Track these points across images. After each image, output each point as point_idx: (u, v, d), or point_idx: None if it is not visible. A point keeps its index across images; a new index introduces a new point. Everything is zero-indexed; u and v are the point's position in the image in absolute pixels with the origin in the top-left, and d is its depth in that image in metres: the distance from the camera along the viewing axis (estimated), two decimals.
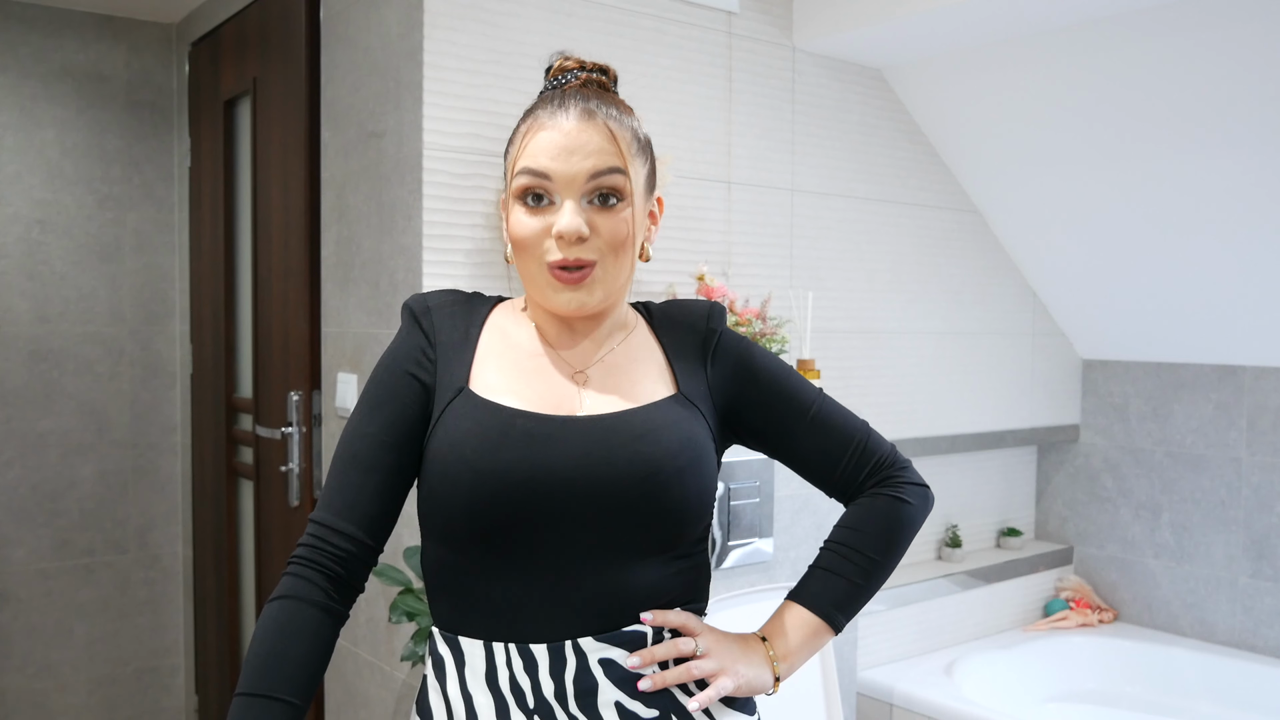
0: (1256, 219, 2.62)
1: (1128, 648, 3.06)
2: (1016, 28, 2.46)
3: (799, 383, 1.21)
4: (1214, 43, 2.31)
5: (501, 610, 1.06)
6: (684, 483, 1.07)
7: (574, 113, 1.08)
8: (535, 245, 1.07)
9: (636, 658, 1.06)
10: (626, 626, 1.07)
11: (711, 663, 1.09)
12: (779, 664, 1.14)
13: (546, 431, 1.06)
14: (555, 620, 1.05)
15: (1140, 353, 3.20)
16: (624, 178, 1.08)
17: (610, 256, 1.08)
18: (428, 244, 2.05)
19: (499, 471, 1.04)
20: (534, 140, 1.07)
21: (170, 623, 3.38)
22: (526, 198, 1.08)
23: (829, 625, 1.17)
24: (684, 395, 1.15)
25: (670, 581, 1.10)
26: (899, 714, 2.64)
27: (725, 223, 2.52)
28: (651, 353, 1.18)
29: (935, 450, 2.99)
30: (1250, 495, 2.98)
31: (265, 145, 2.66)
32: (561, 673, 1.05)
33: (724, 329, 1.21)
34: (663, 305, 1.24)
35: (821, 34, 2.58)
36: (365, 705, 2.26)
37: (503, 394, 1.10)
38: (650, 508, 1.06)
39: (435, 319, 1.14)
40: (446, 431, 1.08)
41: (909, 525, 1.20)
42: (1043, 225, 3.03)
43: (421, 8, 2.02)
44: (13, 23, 3.07)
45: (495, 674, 1.06)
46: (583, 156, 1.06)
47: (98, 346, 3.23)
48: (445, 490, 1.06)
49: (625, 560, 1.07)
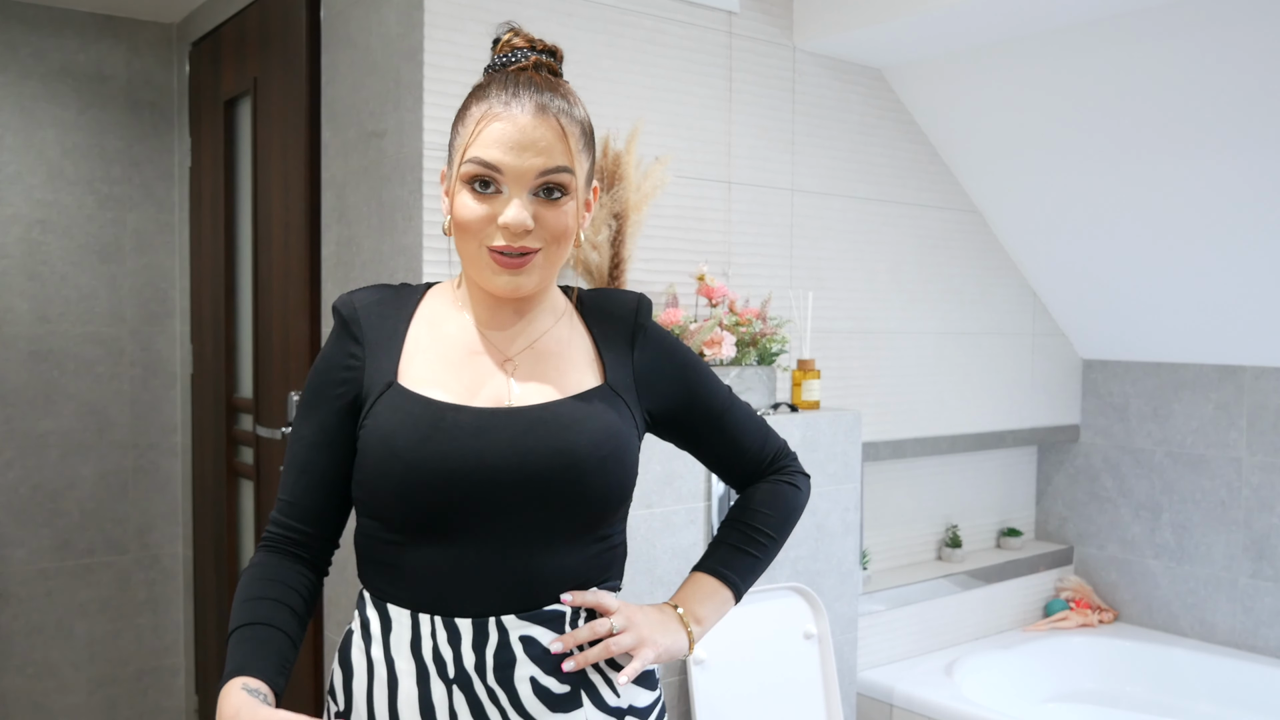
0: (1257, 219, 2.62)
1: (1128, 648, 3.06)
2: (1016, 28, 2.46)
3: (715, 381, 1.31)
4: (1214, 43, 2.31)
5: (429, 585, 1.11)
6: (605, 471, 1.13)
7: (529, 106, 1.10)
8: (479, 230, 1.11)
9: (559, 643, 1.12)
10: (547, 606, 1.13)
11: (629, 637, 1.15)
12: (693, 626, 1.23)
13: (475, 424, 1.11)
14: (480, 597, 1.11)
15: (1140, 353, 3.20)
16: (570, 175, 1.12)
17: (552, 246, 1.13)
18: (428, 244, 2.05)
19: (428, 463, 1.08)
20: (487, 130, 1.10)
21: (170, 623, 3.38)
22: (474, 183, 1.11)
23: (732, 590, 1.28)
24: (610, 386, 1.20)
25: (590, 563, 1.16)
26: (899, 714, 2.64)
27: (725, 223, 2.52)
28: (580, 341, 1.23)
29: (935, 450, 2.99)
30: (1250, 495, 2.98)
31: (265, 145, 2.66)
32: (483, 646, 1.10)
33: (651, 323, 1.27)
34: (593, 294, 1.28)
35: (821, 34, 2.58)
36: None
37: (431, 387, 1.14)
38: (572, 496, 1.12)
39: (362, 319, 1.18)
40: (377, 424, 1.12)
41: (798, 508, 1.34)
42: (1043, 225, 3.03)
43: (421, 8, 2.02)
44: (13, 23, 3.07)
45: (419, 643, 1.11)
46: (534, 153, 1.09)
47: (98, 346, 3.23)
48: (377, 480, 1.11)
49: (548, 544, 1.12)
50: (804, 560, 2.41)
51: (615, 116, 2.28)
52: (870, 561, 2.94)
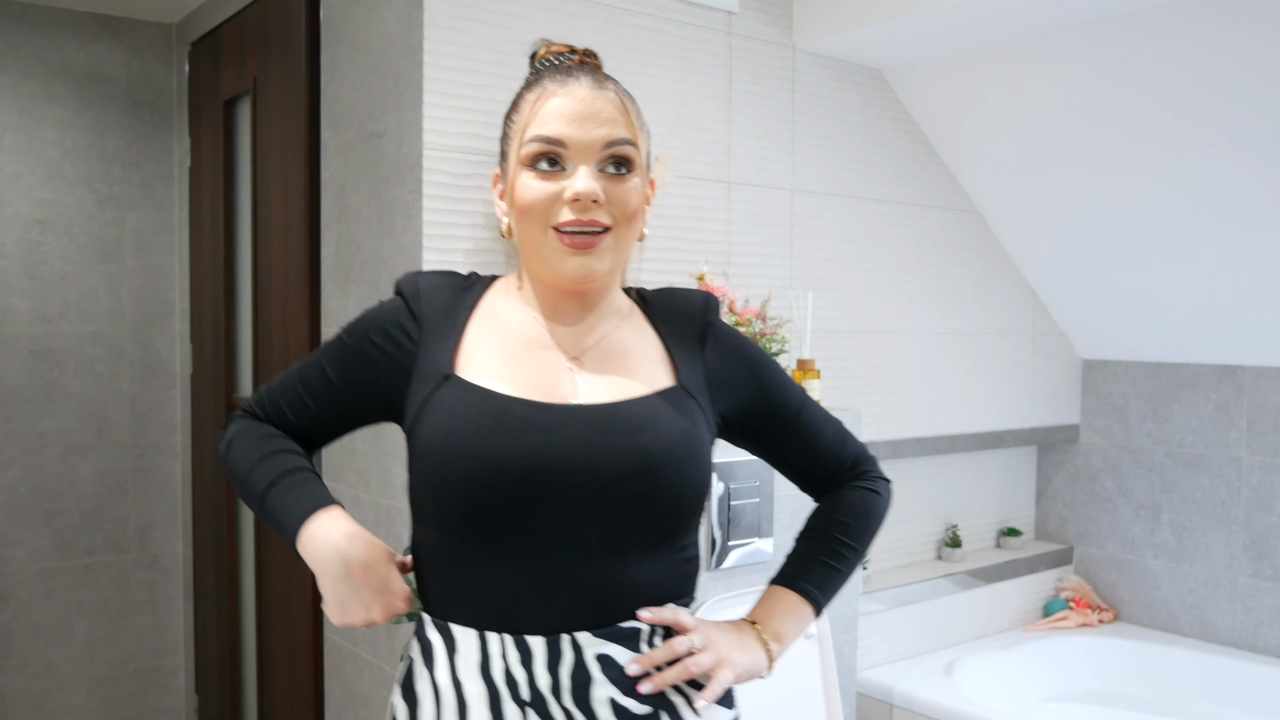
0: (1256, 219, 2.62)
1: (1128, 648, 3.06)
2: (1016, 28, 2.46)
3: (789, 382, 1.24)
4: (1214, 43, 2.31)
5: (496, 600, 1.05)
6: (683, 475, 1.07)
7: (585, 81, 1.08)
8: (545, 210, 1.06)
9: (636, 665, 1.06)
10: (623, 622, 1.07)
11: (708, 657, 1.08)
12: (772, 645, 1.16)
13: (543, 419, 1.05)
14: (551, 612, 1.04)
15: (1140, 353, 3.20)
16: (635, 149, 1.09)
17: (622, 225, 1.08)
18: (428, 244, 2.05)
19: (496, 458, 1.02)
20: (546, 106, 1.07)
21: (170, 623, 3.38)
22: (539, 163, 1.07)
23: (812, 605, 1.21)
24: (683, 387, 1.14)
25: (665, 575, 1.10)
26: (899, 714, 2.64)
27: (725, 223, 2.52)
28: (649, 341, 1.17)
29: (935, 450, 2.99)
30: (1250, 495, 2.98)
31: (265, 145, 2.66)
32: (557, 666, 1.04)
33: (720, 321, 1.21)
34: (658, 293, 1.23)
35: (821, 34, 2.58)
36: (365, 705, 2.26)
37: (492, 380, 1.08)
38: (648, 500, 1.05)
39: (424, 300, 1.13)
40: (438, 418, 1.05)
41: (880, 516, 1.29)
42: (1043, 225, 3.03)
43: (421, 8, 2.02)
44: (13, 23, 3.07)
45: (489, 664, 1.05)
46: (598, 124, 1.06)
47: (98, 346, 3.23)
48: (439, 478, 1.04)
49: (622, 553, 1.06)
50: None
51: None
52: (870, 561, 2.94)
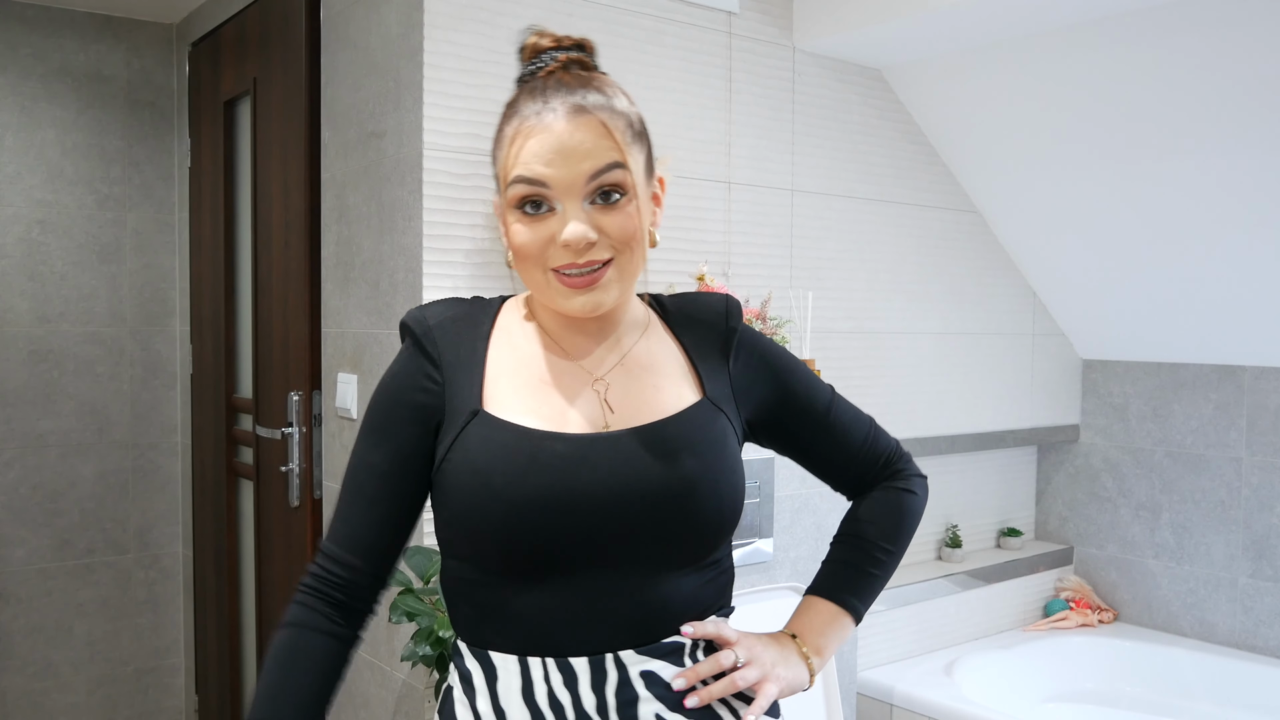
0: (1256, 219, 2.61)
1: (1128, 648, 3.06)
2: (1016, 28, 2.46)
3: (815, 381, 1.21)
4: (1214, 43, 2.31)
5: (535, 626, 1.03)
6: (718, 494, 1.05)
7: (561, 110, 1.01)
8: (539, 255, 1.02)
9: (681, 679, 1.04)
10: (665, 638, 1.05)
11: (754, 671, 1.07)
12: (813, 658, 1.14)
13: (576, 453, 1.02)
14: (593, 634, 1.03)
15: (1140, 353, 3.20)
16: (625, 171, 1.02)
17: (624, 254, 1.03)
18: (428, 244, 2.05)
19: (530, 500, 1.00)
20: (524, 147, 1.01)
21: (170, 623, 3.38)
22: (524, 206, 1.02)
23: (852, 616, 1.18)
24: (710, 400, 1.11)
25: (705, 590, 1.09)
26: (899, 714, 2.64)
27: (725, 223, 2.52)
28: (671, 353, 1.14)
29: (935, 450, 2.99)
30: (1250, 495, 2.98)
31: (265, 145, 2.66)
32: (602, 685, 1.03)
33: (743, 326, 1.18)
34: (676, 300, 1.19)
35: (821, 34, 2.58)
36: (365, 705, 2.26)
37: (521, 414, 1.05)
38: (685, 522, 1.04)
39: (438, 338, 1.08)
40: (468, 458, 1.03)
41: (916, 516, 1.24)
42: (1043, 225, 3.03)
43: (421, 8, 2.02)
44: (13, 23, 3.07)
45: (532, 689, 1.03)
46: (580, 158, 1.00)
47: (98, 346, 3.23)
48: (473, 520, 1.02)
49: (661, 573, 1.04)
50: (804, 560, 2.41)
51: None
52: None
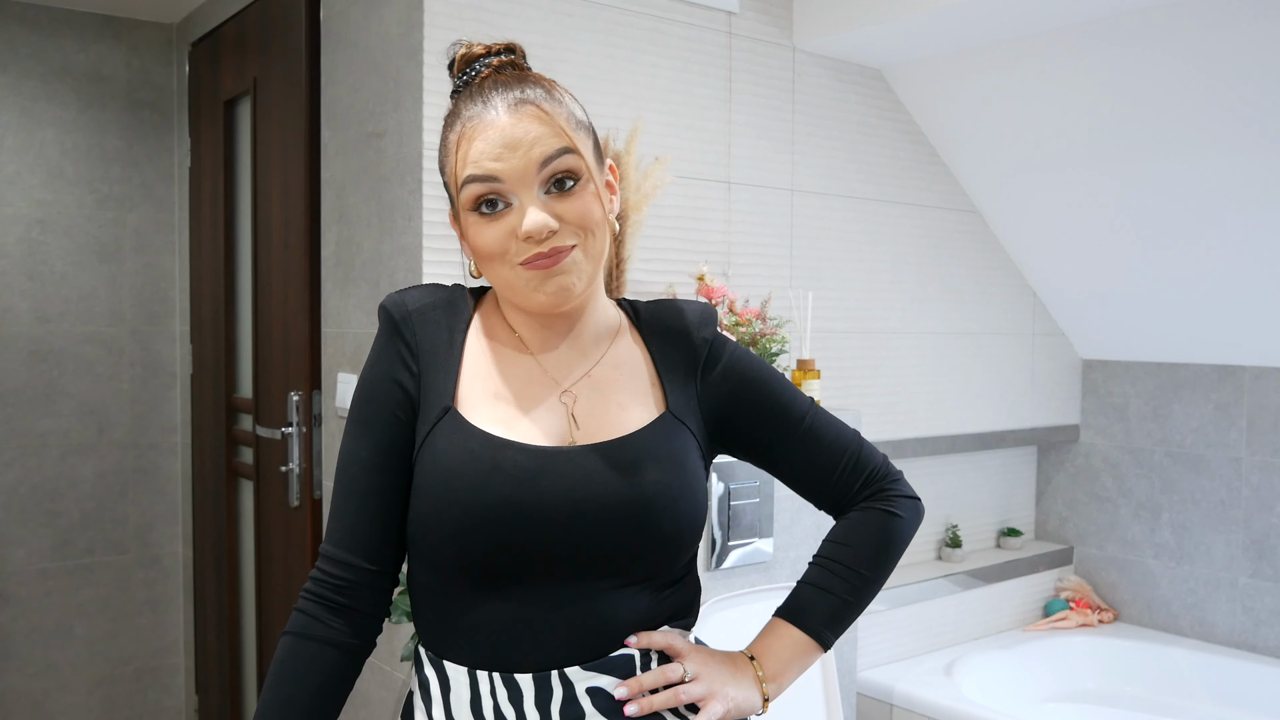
0: (1256, 219, 2.62)
1: (1128, 648, 3.06)
2: (1016, 28, 2.46)
3: (791, 394, 1.17)
4: (1214, 43, 2.31)
5: (486, 638, 1.03)
6: (676, 512, 1.04)
7: (503, 106, 1.01)
8: (503, 252, 1.02)
9: (625, 689, 1.03)
10: (613, 652, 1.04)
11: (700, 686, 1.05)
12: (768, 684, 1.11)
13: (536, 465, 1.02)
14: (541, 649, 1.03)
15: (1140, 353, 3.20)
16: (575, 156, 1.01)
17: (586, 239, 1.02)
18: (428, 244, 2.05)
19: (488, 506, 1.00)
20: (471, 147, 1.01)
21: (170, 623, 3.38)
22: (480, 207, 1.01)
23: (819, 644, 1.14)
24: (673, 414, 1.10)
25: (660, 606, 1.07)
26: (899, 714, 2.64)
27: (725, 223, 2.52)
28: (638, 364, 1.13)
29: (935, 450, 2.99)
30: (1250, 495, 2.98)
31: (265, 145, 2.66)
32: (548, 703, 1.02)
33: (716, 337, 1.16)
34: (652, 306, 1.17)
35: (821, 34, 2.58)
36: (365, 705, 2.26)
37: (491, 421, 1.05)
38: (642, 540, 1.03)
39: (416, 325, 1.08)
40: (434, 459, 1.03)
41: (900, 540, 1.17)
42: (1043, 225, 3.03)
43: (421, 8, 2.02)
44: (13, 23, 3.07)
45: (480, 703, 1.04)
46: (528, 147, 0.99)
47: (98, 346, 3.23)
48: (432, 521, 1.03)
49: (614, 589, 1.04)
50: (804, 560, 2.41)
51: (615, 117, 2.28)
52: None
